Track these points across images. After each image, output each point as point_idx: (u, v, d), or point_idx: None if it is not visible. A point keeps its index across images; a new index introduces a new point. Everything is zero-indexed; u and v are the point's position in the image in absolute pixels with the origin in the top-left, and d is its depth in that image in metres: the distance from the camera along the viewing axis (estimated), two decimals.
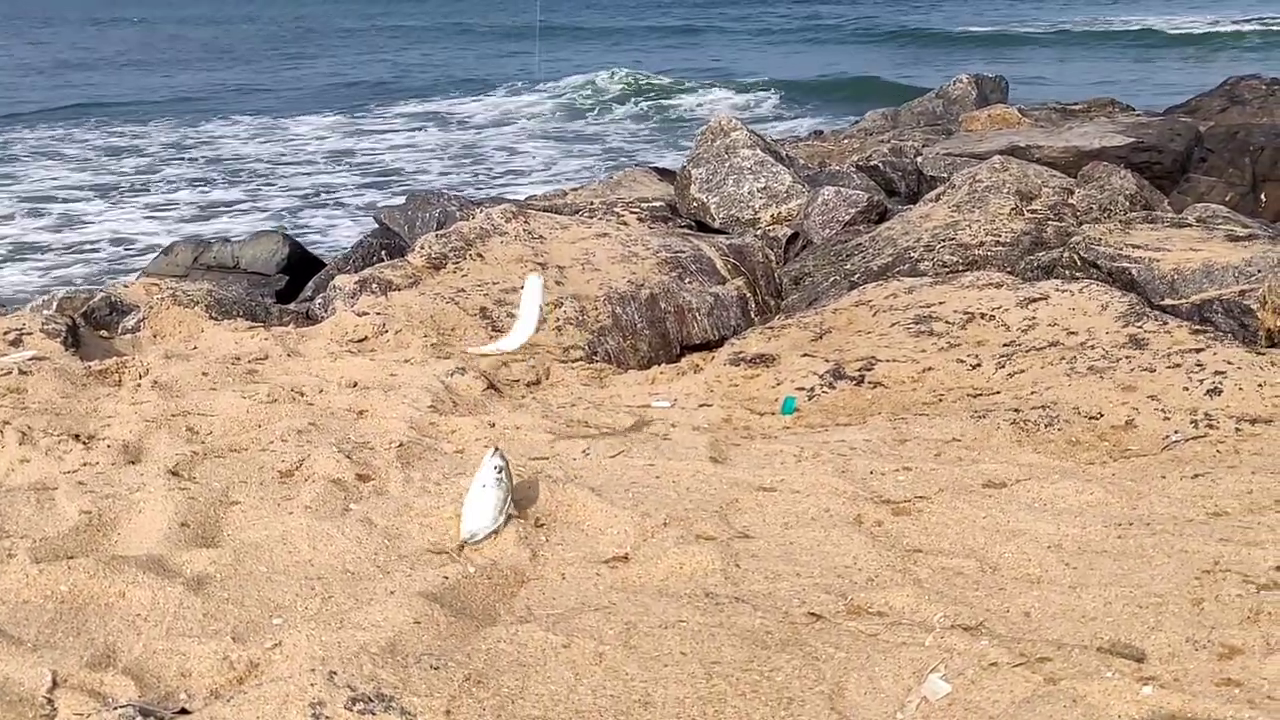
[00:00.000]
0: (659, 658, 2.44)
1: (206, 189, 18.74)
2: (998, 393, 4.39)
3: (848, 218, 7.93)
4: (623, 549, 3.10)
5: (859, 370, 4.64)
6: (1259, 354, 4.42)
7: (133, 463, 3.84)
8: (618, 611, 2.64)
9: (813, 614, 2.64)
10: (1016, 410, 4.10)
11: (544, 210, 9.01)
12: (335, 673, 2.36)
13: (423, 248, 7.01)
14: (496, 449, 3.31)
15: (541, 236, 7.46)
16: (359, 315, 5.89)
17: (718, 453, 3.78)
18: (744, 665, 2.42)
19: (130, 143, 24.05)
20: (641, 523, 3.20)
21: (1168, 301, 5.20)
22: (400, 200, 10.47)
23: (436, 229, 8.31)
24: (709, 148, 9.25)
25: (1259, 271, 5.05)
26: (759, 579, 2.87)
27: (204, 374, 4.85)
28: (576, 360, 5.85)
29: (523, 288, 5.77)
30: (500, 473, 3.20)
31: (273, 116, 27.59)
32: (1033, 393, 4.31)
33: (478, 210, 8.32)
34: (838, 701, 2.33)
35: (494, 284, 6.56)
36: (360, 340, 5.67)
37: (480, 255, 7.03)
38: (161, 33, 54.69)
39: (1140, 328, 4.70)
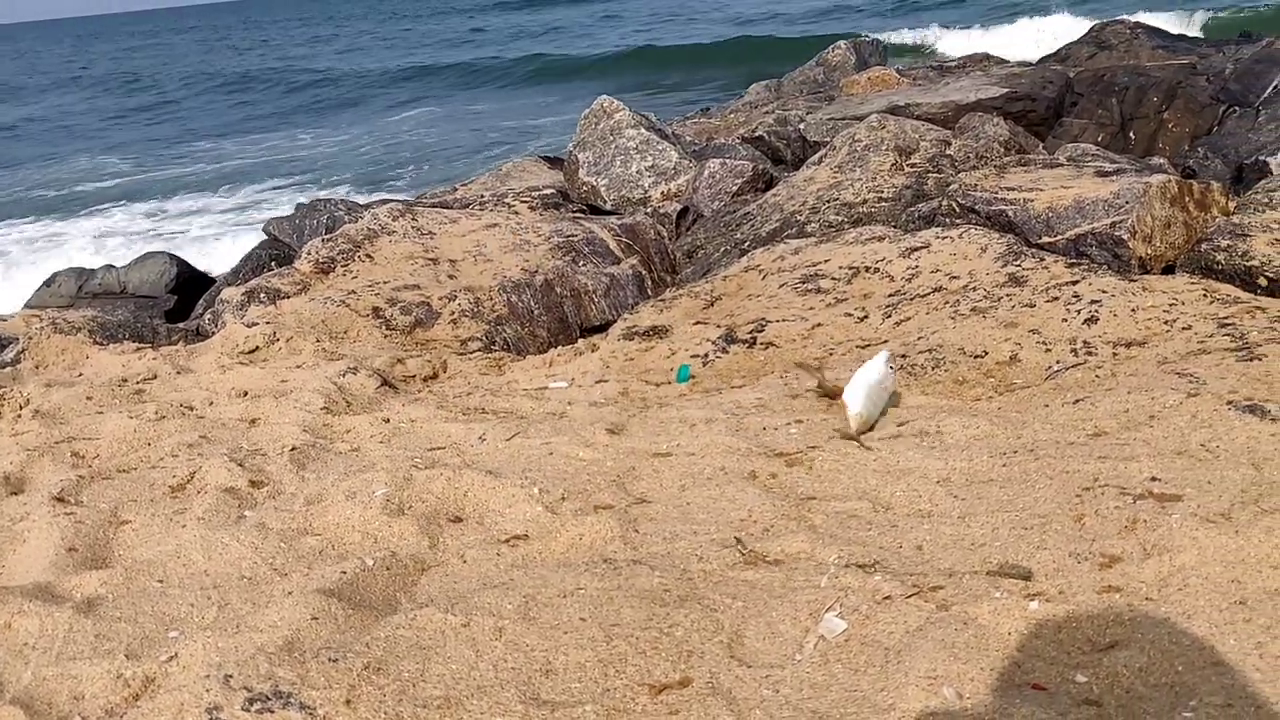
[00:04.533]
0: (559, 626, 2.44)
1: None
2: (886, 341, 4.46)
3: (735, 188, 7.99)
4: (522, 527, 3.09)
5: (750, 333, 4.68)
6: (1131, 280, 4.56)
7: (15, 493, 3.72)
8: (516, 586, 2.64)
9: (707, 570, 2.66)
10: (904, 356, 4.17)
11: (433, 206, 8.95)
12: (231, 676, 2.32)
13: (309, 253, 6.91)
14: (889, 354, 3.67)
15: (431, 232, 7.40)
16: (249, 326, 5.78)
17: (614, 425, 3.79)
18: (643, 624, 2.43)
19: None
20: (540, 499, 3.20)
21: (1045, 239, 5.34)
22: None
23: (325, 234, 8.21)
24: (593, 130, 9.24)
25: (1127, 203, 5.20)
26: (657, 541, 2.88)
27: (89, 398, 4.72)
28: (474, 352, 5.82)
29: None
30: (889, 366, 3.63)
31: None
32: (919, 338, 4.39)
33: (365, 212, 8.21)
34: (737, 649, 2.35)
35: (385, 283, 6.49)
36: (251, 351, 5.57)
37: (369, 256, 6.95)
38: None
39: (1019, 266, 4.81)
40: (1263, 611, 2.33)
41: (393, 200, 8.76)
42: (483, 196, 9.78)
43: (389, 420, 4.15)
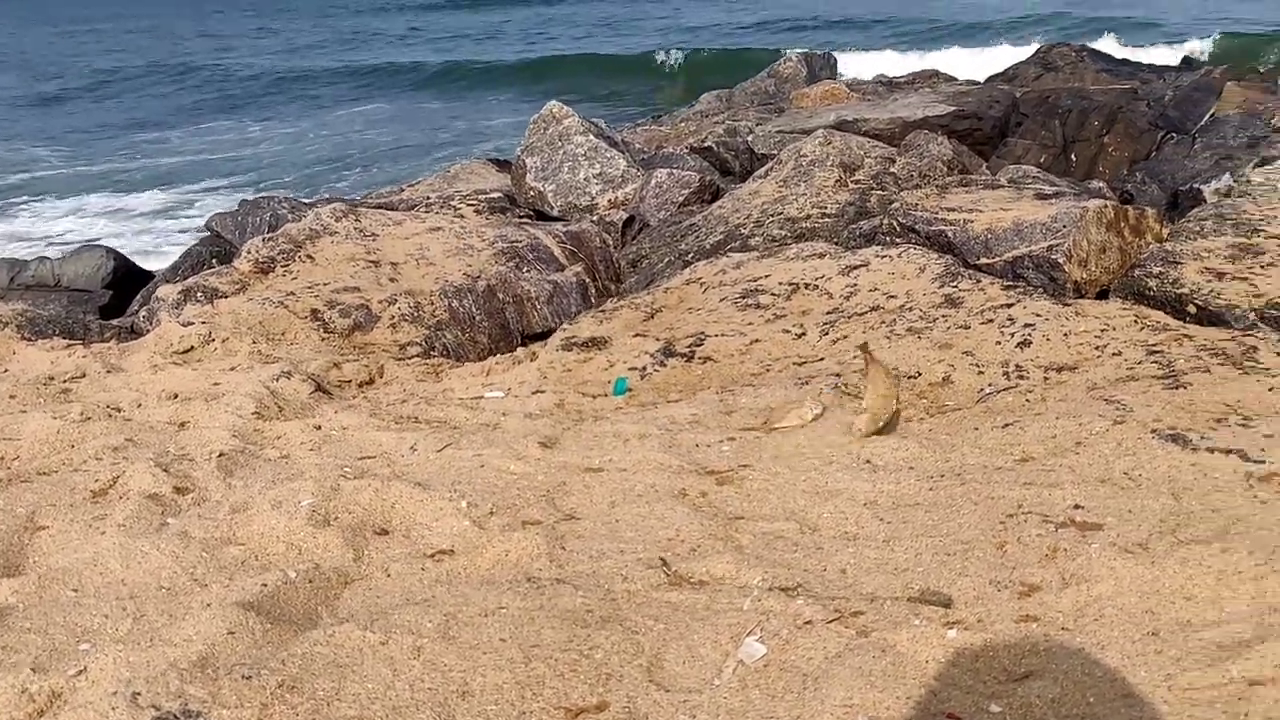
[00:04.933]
0: (478, 646, 2.42)
1: None
2: (822, 359, 4.49)
3: (681, 198, 8.01)
4: (449, 541, 3.06)
5: (689, 346, 4.68)
6: (1065, 304, 4.62)
7: None
8: (438, 604, 2.61)
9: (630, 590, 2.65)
10: (838, 375, 4.19)
11: (377, 207, 8.87)
12: (139, 693, 2.28)
13: (249, 252, 6.81)
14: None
15: (374, 234, 7.33)
16: (184, 325, 5.69)
17: (547, 438, 3.77)
18: (564, 646, 2.41)
19: None
20: (468, 513, 3.18)
21: (983, 260, 5.39)
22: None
23: (267, 232, 8.11)
24: (542, 136, 9.22)
25: (1064, 227, 5.27)
26: (583, 559, 2.87)
27: (11, 397, 4.62)
28: (413, 357, 5.78)
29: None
30: None
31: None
32: (855, 357, 4.41)
33: (309, 211, 8.12)
34: (656, 672, 2.34)
35: (325, 285, 6.41)
36: (186, 351, 5.48)
37: (310, 257, 6.87)
38: None
39: (956, 287, 4.86)
40: (1174, 643, 2.36)
41: (337, 200, 8.66)
42: (428, 198, 9.72)
43: (320, 427, 4.10)
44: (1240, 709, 2.14)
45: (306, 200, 9.74)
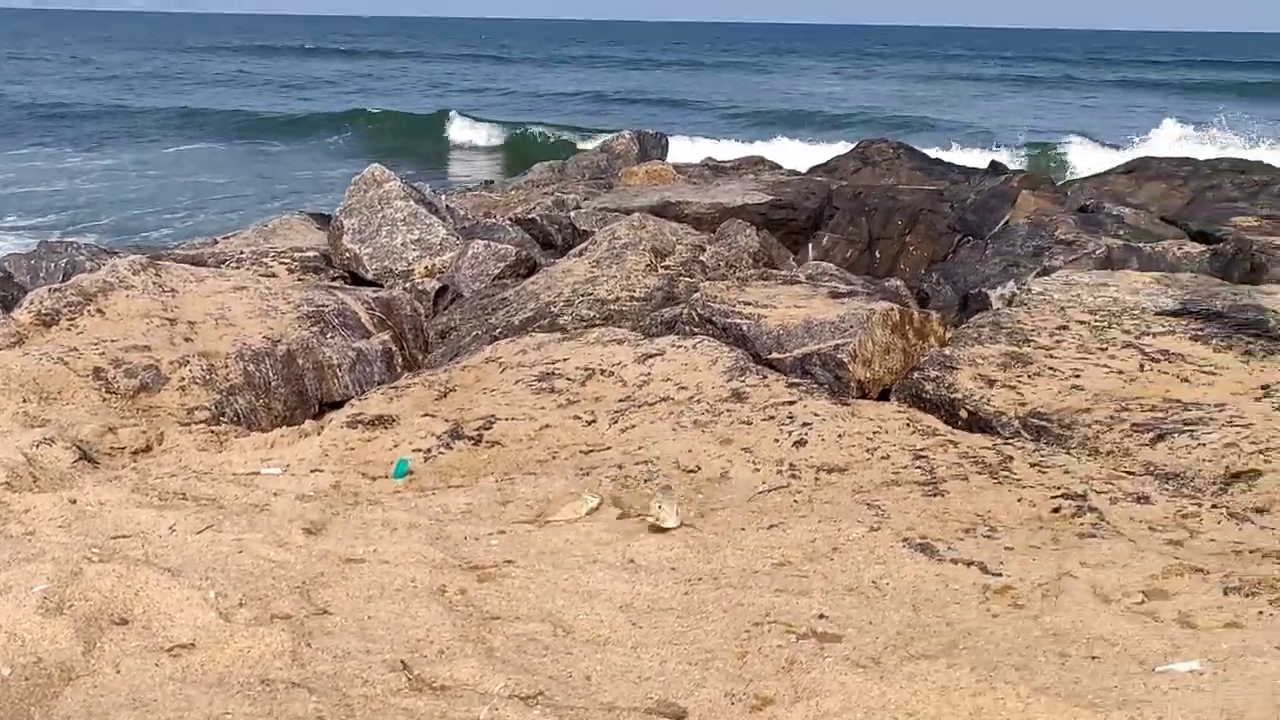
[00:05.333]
0: None
1: None
2: (609, 448, 4.52)
3: (497, 271, 8.02)
4: (190, 635, 2.94)
5: (478, 429, 4.66)
6: (844, 405, 4.79)
7: None
8: (158, 709, 2.50)
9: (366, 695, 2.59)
10: (620, 467, 4.23)
11: (185, 260, 8.59)
12: None
13: (32, 303, 6.49)
14: None
15: (174, 290, 7.08)
16: None
17: (313, 523, 3.68)
18: None
19: None
20: (216, 604, 3.06)
21: (774, 355, 5.56)
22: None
23: (62, 279, 7.76)
24: (361, 198, 9.12)
25: (851, 327, 5.49)
26: (327, 659, 2.80)
27: None
28: (200, 422, 5.57)
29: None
30: None
31: None
32: (640, 448, 4.47)
33: (108, 260, 7.80)
34: None
35: (112, 341, 6.15)
36: None
37: (100, 311, 6.58)
38: None
39: (743, 382, 4.98)
40: None
41: (136, 253, 8.34)
42: (242, 253, 9.46)
43: (75, 501, 3.90)
44: None
45: (108, 250, 9.35)
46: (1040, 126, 30.59)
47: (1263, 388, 4.88)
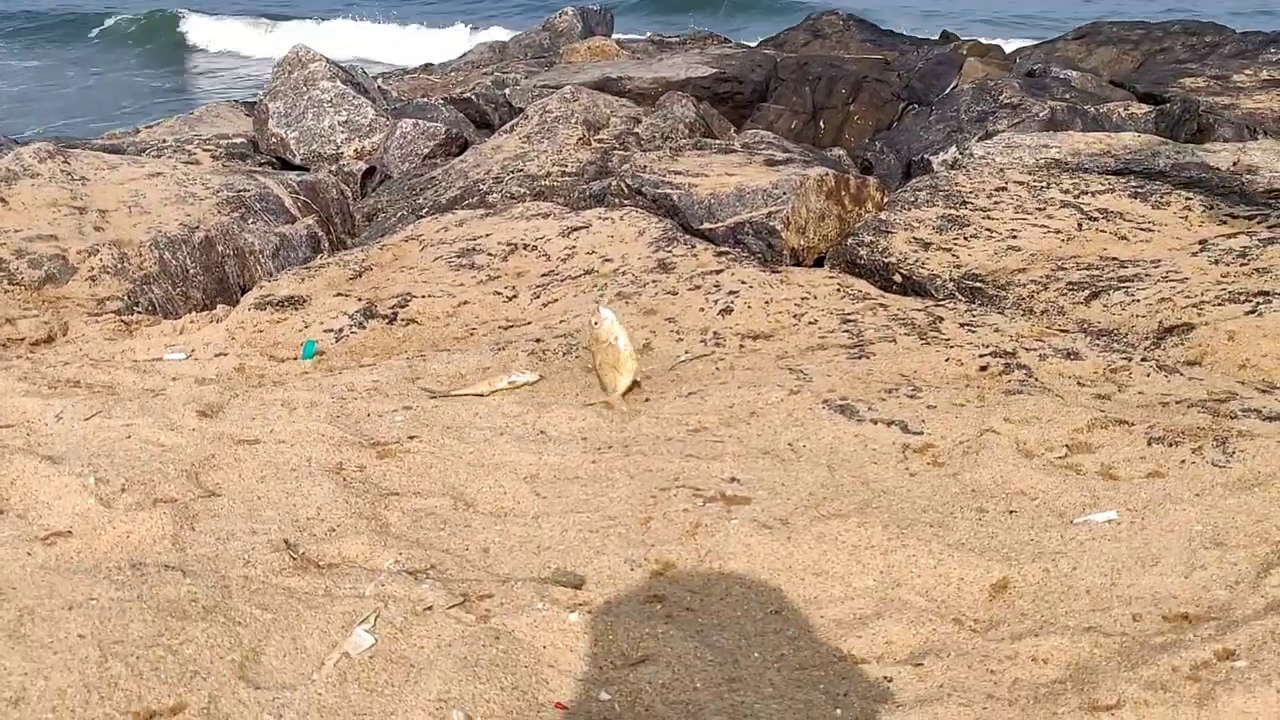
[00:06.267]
0: (50, 645, 2.18)
1: None
2: (529, 323, 4.36)
3: (426, 150, 7.73)
4: (68, 522, 2.78)
5: (392, 308, 4.47)
6: (773, 272, 4.63)
7: None
8: (15, 596, 2.35)
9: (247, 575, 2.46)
10: (538, 340, 4.07)
11: (101, 149, 8.23)
12: None
13: None
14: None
15: (84, 178, 6.77)
16: None
17: (209, 406, 3.51)
18: (150, 641, 2.20)
19: None
20: (96, 491, 2.90)
21: (706, 225, 5.37)
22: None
23: None
24: (286, 80, 8.74)
25: (783, 194, 5.30)
26: (209, 541, 2.65)
27: None
28: (110, 313, 5.34)
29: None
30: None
31: None
32: (561, 321, 4.30)
33: (9, 150, 7.44)
34: (250, 668, 2.16)
35: (16, 232, 5.86)
36: None
37: (4, 200, 6.28)
38: None
39: (670, 252, 4.81)
40: (794, 621, 2.34)
41: (44, 141, 7.96)
42: (164, 141, 9.11)
43: None
44: (841, 688, 2.13)
45: (14, 139, 8.93)
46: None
47: (1200, 242, 4.76)
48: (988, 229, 5.11)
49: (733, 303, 4.29)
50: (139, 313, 5.57)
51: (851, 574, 2.51)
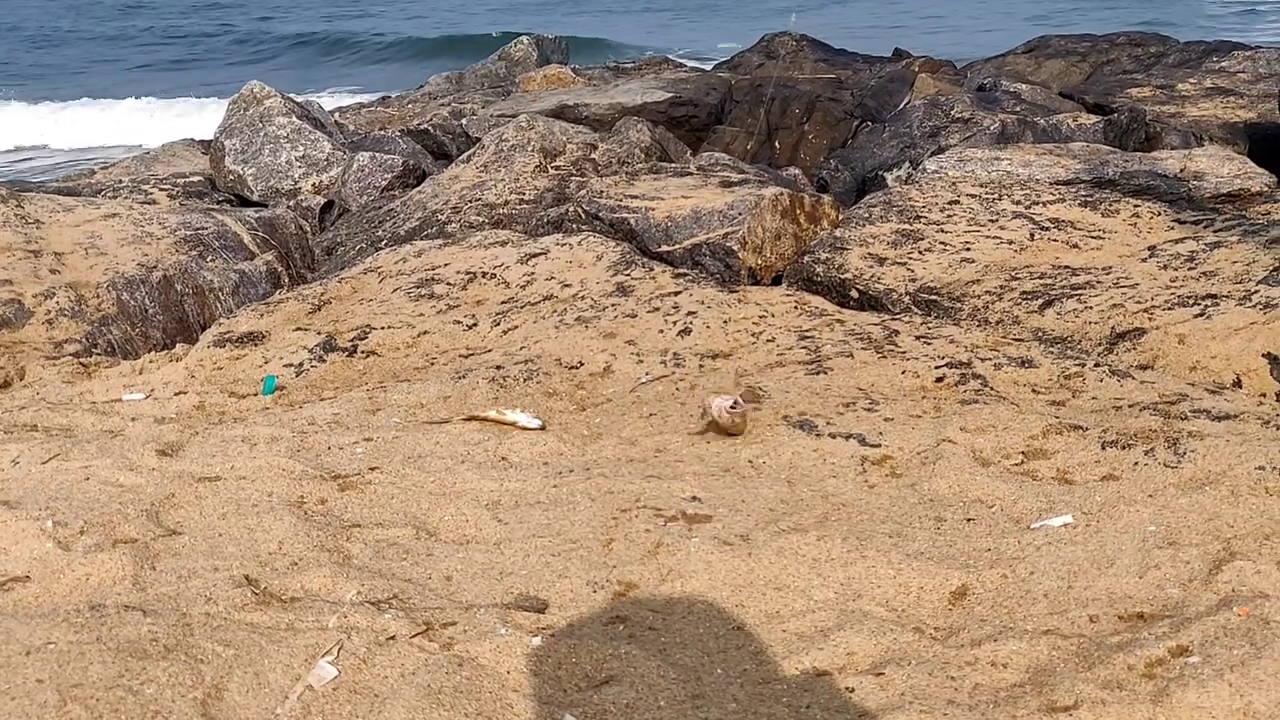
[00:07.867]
0: (7, 691, 2.16)
1: None
2: (489, 351, 4.36)
3: (384, 183, 7.74)
4: (25, 567, 2.76)
5: (352, 340, 4.47)
6: (731, 292, 4.67)
7: None
8: None
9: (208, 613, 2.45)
10: (499, 367, 4.08)
11: (56, 192, 8.19)
12: None
13: None
14: None
15: (39, 221, 6.72)
16: None
17: (169, 445, 3.49)
18: (111, 683, 2.18)
19: None
20: (53, 534, 2.88)
21: (664, 248, 5.41)
22: None
23: None
24: (242, 116, 8.73)
25: (739, 215, 5.35)
26: (171, 580, 2.64)
27: None
28: (67, 356, 5.31)
29: None
30: None
31: None
32: (521, 348, 4.32)
33: None
34: (213, 705, 2.15)
35: None
36: None
37: None
38: None
39: (628, 275, 4.83)
40: (756, 637, 2.36)
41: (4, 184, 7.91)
42: (120, 182, 9.07)
43: None
44: (804, 700, 2.15)
45: None
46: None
47: (1149, 249, 4.84)
48: (942, 242, 5.17)
49: (691, 323, 4.32)
50: (98, 354, 5.53)
51: (812, 587, 2.53)
